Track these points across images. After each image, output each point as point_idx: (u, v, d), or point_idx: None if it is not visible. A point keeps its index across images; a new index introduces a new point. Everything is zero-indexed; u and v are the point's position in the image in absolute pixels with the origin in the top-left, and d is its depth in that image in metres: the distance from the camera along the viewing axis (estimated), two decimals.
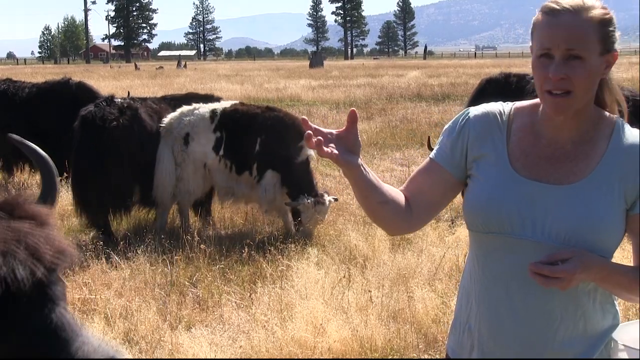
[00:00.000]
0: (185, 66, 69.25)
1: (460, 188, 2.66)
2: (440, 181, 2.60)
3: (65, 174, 10.22)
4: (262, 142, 9.21)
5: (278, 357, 5.59)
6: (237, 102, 10.09)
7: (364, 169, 2.42)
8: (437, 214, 3.00)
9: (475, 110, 2.59)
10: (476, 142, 2.55)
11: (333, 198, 9.24)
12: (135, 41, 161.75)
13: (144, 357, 5.72)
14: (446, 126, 2.66)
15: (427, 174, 2.62)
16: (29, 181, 12.61)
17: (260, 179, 9.23)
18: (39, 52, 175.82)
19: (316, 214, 8.92)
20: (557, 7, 2.35)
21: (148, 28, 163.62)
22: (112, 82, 36.78)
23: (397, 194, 2.58)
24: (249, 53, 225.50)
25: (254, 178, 9.27)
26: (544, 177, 2.43)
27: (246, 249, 7.89)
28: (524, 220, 2.41)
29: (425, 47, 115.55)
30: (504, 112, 2.57)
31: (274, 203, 9.27)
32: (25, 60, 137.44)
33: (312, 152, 9.25)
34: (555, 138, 2.47)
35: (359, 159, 2.40)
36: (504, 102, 2.62)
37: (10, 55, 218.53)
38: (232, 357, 5.64)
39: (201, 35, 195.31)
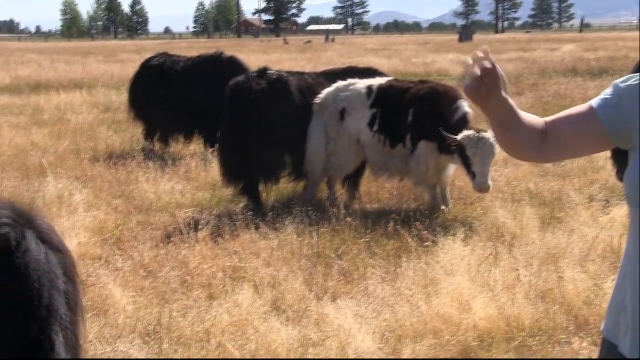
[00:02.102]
0: (332, 40, 69.74)
1: (608, 147, 2.53)
2: (590, 132, 2.47)
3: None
4: (414, 113, 9.14)
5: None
6: (391, 78, 10.08)
7: (505, 104, 2.44)
8: (569, 159, 2.92)
9: None
10: None
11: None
12: (285, 15, 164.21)
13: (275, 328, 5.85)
14: (617, 80, 2.50)
15: (580, 119, 2.49)
16: (182, 152, 13.09)
17: (414, 150, 9.18)
18: (194, 27, 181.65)
19: (482, 149, 8.57)
20: None
21: (297, 2, 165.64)
22: (261, 56, 37.50)
23: (532, 125, 2.52)
24: (396, 27, 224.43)
25: (407, 150, 9.23)
26: None
27: (391, 223, 7.89)
28: None
29: (582, 20, 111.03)
30: None
31: (425, 175, 9.17)
32: (180, 34, 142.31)
33: (468, 109, 9.05)
34: None
35: (499, 96, 2.42)
36: None
37: (167, 30, 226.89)
38: (377, 330, 5.67)
39: (349, 10, 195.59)
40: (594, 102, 2.50)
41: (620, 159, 2.33)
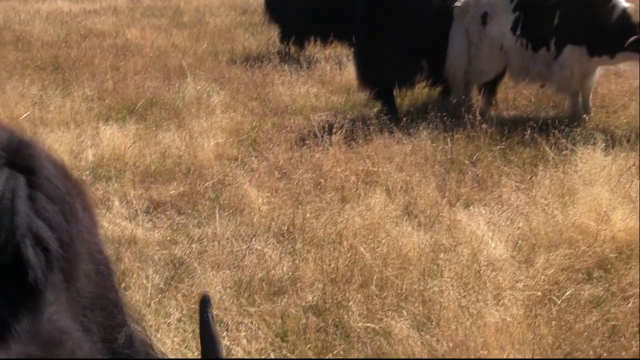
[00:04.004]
0: None
1: None
2: None
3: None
4: (561, 15, 8.72)
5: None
6: None
7: None
8: None
9: None
10: None
11: None
12: None
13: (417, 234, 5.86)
14: None
15: None
16: (317, 55, 13.08)
17: (558, 55, 8.80)
18: None
19: None
20: None
21: None
22: None
23: None
24: None
25: (551, 54, 8.86)
26: None
27: (529, 131, 7.69)
28: None
29: None
30: None
31: (569, 81, 8.79)
32: None
33: (628, 5, 8.57)
34: None
35: None
36: None
37: None
38: (510, 238, 5.60)
39: None
40: None
41: None
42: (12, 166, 1.98)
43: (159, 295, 4.98)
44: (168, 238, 6.00)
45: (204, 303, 2.01)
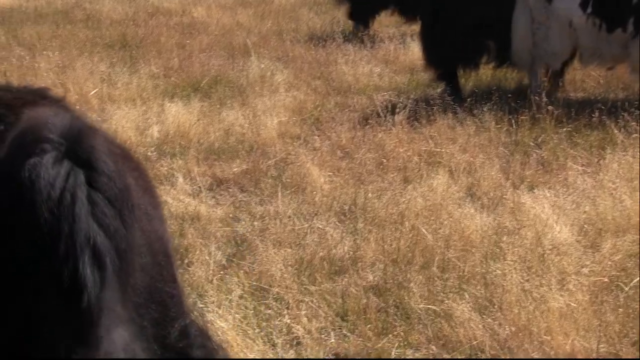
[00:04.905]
0: None
1: None
2: None
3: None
4: None
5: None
6: None
7: None
8: None
9: None
10: None
11: None
12: None
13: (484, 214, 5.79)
14: None
15: None
16: (381, 34, 12.98)
17: (637, 35, 8.48)
18: None
19: None
20: None
21: None
22: None
23: None
24: None
25: (629, 34, 8.53)
26: None
27: (597, 113, 7.51)
28: None
29: None
30: None
31: None
32: None
33: None
34: None
35: None
36: None
37: None
38: (575, 222, 5.51)
39: None
40: None
41: None
42: (72, 158, 1.95)
43: (221, 272, 5.03)
44: (230, 215, 6.06)
45: None
